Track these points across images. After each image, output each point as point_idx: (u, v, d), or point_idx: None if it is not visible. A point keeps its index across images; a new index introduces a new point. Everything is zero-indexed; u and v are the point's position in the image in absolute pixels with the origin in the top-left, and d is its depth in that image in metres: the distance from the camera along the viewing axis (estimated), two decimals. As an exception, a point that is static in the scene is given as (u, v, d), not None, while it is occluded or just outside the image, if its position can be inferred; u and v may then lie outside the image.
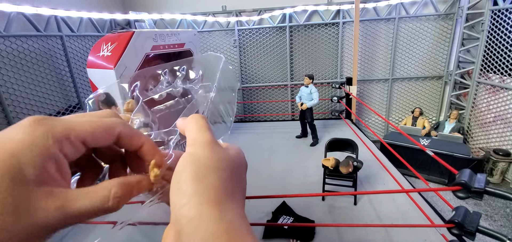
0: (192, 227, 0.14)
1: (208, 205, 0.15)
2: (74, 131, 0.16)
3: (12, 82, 1.83)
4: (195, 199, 0.15)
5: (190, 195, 0.15)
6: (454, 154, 2.21)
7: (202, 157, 0.17)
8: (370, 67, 2.92)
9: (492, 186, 0.42)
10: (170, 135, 0.26)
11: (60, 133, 0.16)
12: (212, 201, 0.15)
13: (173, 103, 0.30)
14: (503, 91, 2.30)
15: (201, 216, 0.15)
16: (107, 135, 0.19)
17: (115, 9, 2.48)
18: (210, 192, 0.16)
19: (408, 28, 2.72)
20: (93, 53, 1.29)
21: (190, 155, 0.18)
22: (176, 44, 0.95)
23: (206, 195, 0.15)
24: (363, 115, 3.10)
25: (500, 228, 1.89)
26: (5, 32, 1.73)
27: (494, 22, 2.28)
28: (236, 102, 2.96)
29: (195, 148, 0.18)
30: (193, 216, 0.15)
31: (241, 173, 0.19)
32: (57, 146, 0.16)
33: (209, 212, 0.15)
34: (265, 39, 2.86)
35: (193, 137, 0.19)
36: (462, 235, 0.51)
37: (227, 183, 0.17)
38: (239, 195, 0.18)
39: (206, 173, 0.16)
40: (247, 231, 0.15)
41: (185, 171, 0.17)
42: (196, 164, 0.17)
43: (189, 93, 0.31)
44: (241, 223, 0.16)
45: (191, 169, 0.17)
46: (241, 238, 0.15)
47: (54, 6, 1.97)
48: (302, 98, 2.29)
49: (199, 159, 0.17)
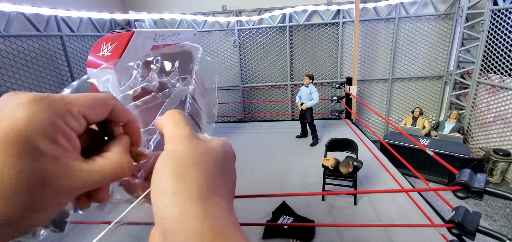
0: (176, 226, 0.14)
1: (191, 202, 0.14)
2: (74, 105, 0.17)
3: (12, 82, 1.83)
4: (176, 197, 0.15)
5: (172, 194, 0.15)
6: (454, 154, 2.21)
7: (181, 152, 0.17)
8: (370, 67, 2.92)
9: (492, 186, 0.42)
10: (150, 135, 0.25)
11: (62, 107, 0.16)
12: (195, 197, 0.15)
13: (150, 99, 0.28)
14: (503, 91, 2.30)
15: (183, 215, 0.14)
16: (104, 108, 0.19)
17: (115, 9, 2.48)
18: (192, 188, 0.15)
19: (408, 28, 2.72)
20: (93, 53, 1.29)
21: (169, 152, 0.17)
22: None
23: (188, 191, 0.15)
24: (363, 115, 3.10)
25: (500, 228, 1.89)
26: (5, 32, 1.73)
27: (494, 22, 2.28)
28: (236, 102, 2.94)
29: (173, 144, 0.17)
30: (176, 215, 0.14)
31: (226, 165, 0.19)
32: (61, 120, 0.16)
33: (192, 210, 0.14)
34: (265, 39, 2.86)
35: (171, 133, 0.18)
36: (462, 235, 0.51)
37: (210, 176, 0.16)
38: (225, 188, 0.17)
39: (186, 169, 0.16)
40: (232, 225, 0.15)
41: (164, 169, 0.16)
42: (175, 161, 0.16)
43: (166, 87, 0.29)
44: (227, 217, 0.15)
45: (170, 166, 0.16)
46: (226, 233, 0.14)
47: (54, 6, 1.97)
48: (302, 98, 2.29)
49: (178, 155, 0.17)
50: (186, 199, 0.15)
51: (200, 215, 0.14)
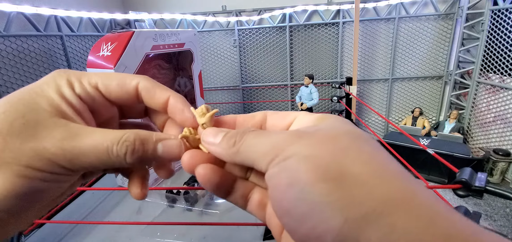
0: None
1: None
2: (86, 76, 0.17)
3: (12, 82, 1.83)
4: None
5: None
6: (454, 154, 2.21)
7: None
8: (370, 67, 2.92)
9: (492, 186, 0.42)
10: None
11: (73, 75, 0.17)
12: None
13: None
14: (503, 91, 2.30)
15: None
16: (121, 85, 0.18)
17: (115, 9, 2.48)
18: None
19: (408, 28, 2.72)
20: (93, 53, 1.28)
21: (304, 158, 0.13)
22: (176, 44, 0.95)
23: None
24: (363, 115, 3.10)
25: (500, 228, 1.89)
26: (5, 32, 1.73)
27: (494, 22, 2.28)
28: (236, 102, 2.93)
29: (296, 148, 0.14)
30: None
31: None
32: (69, 86, 0.16)
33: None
34: (265, 39, 2.86)
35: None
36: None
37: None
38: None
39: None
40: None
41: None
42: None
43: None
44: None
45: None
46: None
47: (54, 6, 1.98)
48: (302, 98, 2.29)
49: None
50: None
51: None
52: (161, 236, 0.58)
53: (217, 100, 3.08)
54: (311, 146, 0.13)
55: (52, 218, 0.69)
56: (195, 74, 0.94)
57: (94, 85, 0.17)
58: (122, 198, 0.79)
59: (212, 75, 2.99)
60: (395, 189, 0.11)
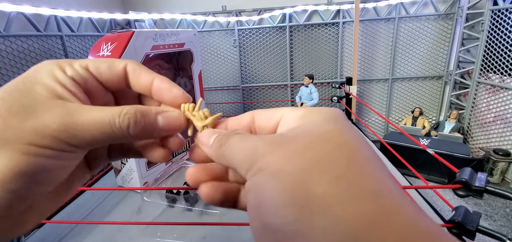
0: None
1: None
2: (76, 60, 0.18)
3: (12, 82, 1.83)
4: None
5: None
6: (454, 154, 2.21)
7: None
8: (370, 67, 2.92)
9: (492, 186, 0.42)
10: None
11: (63, 61, 0.17)
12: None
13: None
14: (503, 91, 2.30)
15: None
16: (110, 68, 0.18)
17: (115, 9, 2.48)
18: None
19: (408, 28, 2.72)
20: (93, 53, 1.28)
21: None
22: (176, 44, 0.95)
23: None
24: (363, 115, 3.10)
25: (500, 228, 1.89)
26: (5, 32, 1.73)
27: (494, 22, 2.28)
28: (236, 102, 2.94)
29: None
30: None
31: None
32: (61, 69, 0.17)
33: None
34: (265, 39, 2.86)
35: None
36: (462, 235, 0.51)
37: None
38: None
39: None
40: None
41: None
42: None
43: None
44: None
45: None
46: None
47: (54, 6, 1.98)
48: (302, 98, 2.29)
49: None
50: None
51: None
52: (161, 236, 0.58)
53: (217, 100, 3.08)
54: (283, 157, 0.12)
55: (52, 218, 0.69)
56: (195, 74, 0.94)
57: (84, 67, 0.17)
58: (122, 198, 0.79)
59: (212, 75, 2.99)
60: (364, 213, 0.10)
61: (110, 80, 0.18)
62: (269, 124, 0.17)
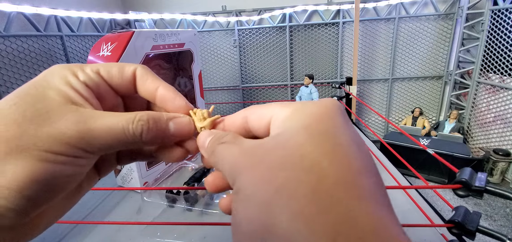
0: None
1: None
2: (88, 65, 0.18)
3: (12, 82, 1.83)
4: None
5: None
6: (454, 154, 2.21)
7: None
8: (370, 67, 2.92)
9: (492, 186, 0.42)
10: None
11: (75, 66, 0.17)
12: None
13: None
14: (503, 91, 2.30)
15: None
16: (121, 71, 0.19)
17: (115, 9, 2.48)
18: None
19: (408, 28, 2.72)
20: (93, 53, 1.28)
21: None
22: (176, 44, 0.95)
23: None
24: (363, 115, 3.10)
25: (500, 228, 1.89)
26: (5, 32, 1.73)
27: (494, 22, 2.28)
28: (236, 102, 2.93)
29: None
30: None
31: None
32: (73, 74, 0.17)
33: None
34: (265, 39, 2.86)
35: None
36: (462, 235, 0.51)
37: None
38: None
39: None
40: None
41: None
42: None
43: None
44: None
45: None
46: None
47: (54, 6, 1.98)
48: (302, 98, 2.30)
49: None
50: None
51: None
52: (161, 236, 0.58)
53: (217, 100, 3.08)
54: (258, 179, 0.12)
55: (52, 218, 0.69)
56: (195, 74, 0.94)
57: (96, 71, 0.17)
58: (122, 198, 0.79)
59: (212, 75, 2.99)
60: None
61: (120, 85, 0.19)
62: (261, 124, 0.17)
